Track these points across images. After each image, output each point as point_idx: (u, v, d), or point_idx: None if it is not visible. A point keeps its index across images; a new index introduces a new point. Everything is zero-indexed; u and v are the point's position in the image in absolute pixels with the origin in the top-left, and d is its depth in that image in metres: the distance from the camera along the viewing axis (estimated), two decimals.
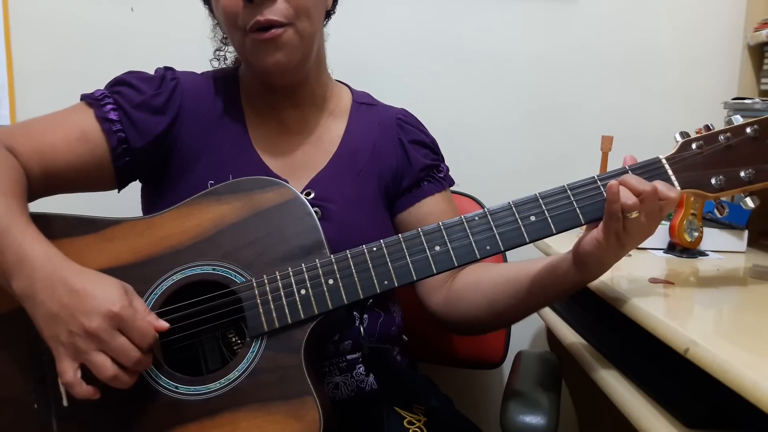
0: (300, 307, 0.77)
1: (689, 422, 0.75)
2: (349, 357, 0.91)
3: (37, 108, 0.89)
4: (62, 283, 0.69)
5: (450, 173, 1.04)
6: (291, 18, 0.84)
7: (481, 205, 1.26)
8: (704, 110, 1.49)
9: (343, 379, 0.91)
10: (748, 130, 0.80)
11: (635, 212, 0.74)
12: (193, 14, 1.01)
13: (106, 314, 0.68)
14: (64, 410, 0.76)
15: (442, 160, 1.03)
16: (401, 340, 1.03)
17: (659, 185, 0.76)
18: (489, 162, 1.52)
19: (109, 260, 0.79)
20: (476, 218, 0.79)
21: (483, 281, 0.92)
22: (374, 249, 0.78)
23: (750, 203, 0.82)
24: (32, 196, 0.82)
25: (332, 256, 0.78)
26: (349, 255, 0.78)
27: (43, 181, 0.83)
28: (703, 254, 1.17)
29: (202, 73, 0.98)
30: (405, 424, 0.82)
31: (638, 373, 0.88)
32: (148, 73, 0.93)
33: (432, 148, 1.02)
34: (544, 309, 1.18)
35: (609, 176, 0.79)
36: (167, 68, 0.95)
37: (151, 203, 0.93)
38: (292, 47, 0.85)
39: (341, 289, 0.77)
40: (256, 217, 0.80)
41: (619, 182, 0.75)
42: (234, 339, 0.82)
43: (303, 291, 0.77)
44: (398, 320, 1.00)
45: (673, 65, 1.53)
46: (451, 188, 1.04)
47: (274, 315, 0.77)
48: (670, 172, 0.80)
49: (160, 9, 1.43)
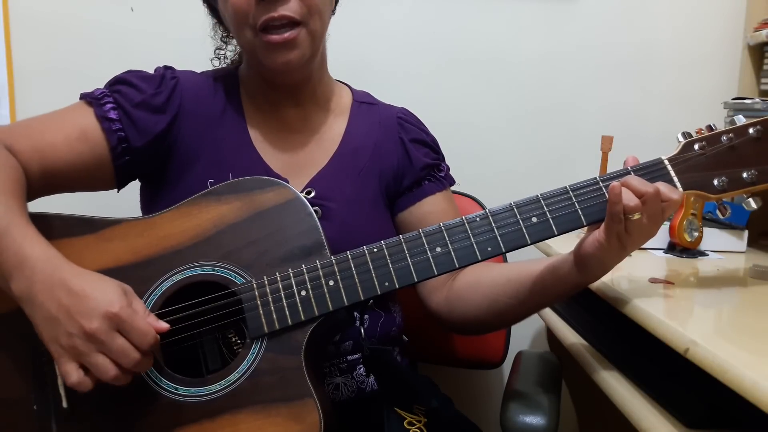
0: (300, 309, 0.77)
1: (689, 422, 0.75)
2: (350, 357, 0.91)
3: (37, 108, 0.89)
4: (61, 285, 0.69)
5: (450, 173, 1.03)
6: (304, 16, 0.84)
7: (482, 205, 1.26)
8: (704, 110, 1.49)
9: (344, 380, 0.91)
10: (751, 131, 0.80)
11: (637, 214, 0.74)
12: (193, 14, 1.01)
13: (105, 315, 0.68)
14: (64, 411, 0.76)
15: (443, 159, 1.03)
16: (401, 341, 1.03)
17: (661, 187, 0.76)
18: (489, 162, 1.52)
19: (109, 261, 0.79)
20: (477, 219, 0.79)
21: (484, 281, 0.91)
22: (375, 250, 0.78)
23: (753, 204, 0.82)
24: (31, 196, 0.82)
25: (333, 257, 0.78)
26: (350, 256, 0.78)
27: (43, 181, 0.83)
28: (703, 254, 1.17)
29: (202, 73, 0.98)
30: (405, 425, 0.82)
31: (638, 373, 0.88)
32: (148, 72, 0.93)
33: (432, 147, 1.02)
34: (545, 309, 1.18)
35: (611, 177, 0.79)
36: (167, 67, 0.95)
37: (151, 203, 0.93)
38: (304, 47, 0.86)
39: (342, 291, 0.77)
40: (257, 218, 0.80)
41: (621, 183, 0.75)
42: (234, 339, 0.82)
43: (303, 292, 0.77)
44: (398, 320, 1.00)
45: (673, 65, 1.53)
46: (452, 188, 1.04)
47: (275, 316, 0.77)
48: (673, 173, 0.80)
49: (160, 9, 1.43)
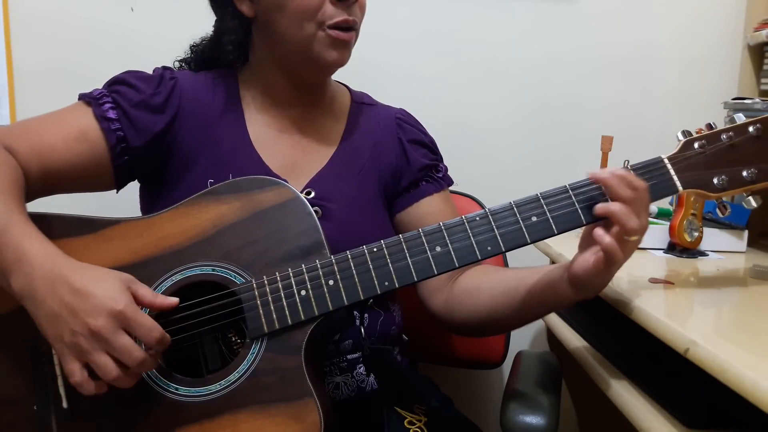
0: (300, 308, 0.77)
1: (689, 422, 0.75)
2: (350, 357, 0.91)
3: (37, 108, 0.89)
4: (62, 281, 0.69)
5: (449, 173, 1.03)
6: (359, 23, 0.89)
7: (481, 205, 1.25)
8: (704, 110, 1.48)
9: (344, 379, 0.91)
10: (751, 129, 0.79)
11: (634, 236, 0.74)
12: (193, 14, 1.00)
13: (110, 313, 0.68)
14: (64, 411, 0.76)
15: (441, 160, 1.03)
16: (401, 340, 1.03)
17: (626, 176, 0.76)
18: (489, 162, 1.52)
19: (108, 261, 0.79)
20: (477, 218, 0.79)
21: (483, 289, 0.91)
22: (375, 249, 0.78)
23: (753, 203, 0.82)
24: (30, 196, 0.82)
25: (332, 257, 0.78)
26: (350, 256, 0.78)
27: (42, 181, 0.83)
28: (703, 254, 1.17)
29: (201, 73, 0.98)
30: (406, 425, 0.82)
31: (638, 373, 0.88)
32: (147, 73, 0.93)
33: (431, 148, 1.02)
34: None
35: None
36: (165, 68, 0.95)
37: (150, 203, 0.93)
38: (351, 50, 0.90)
39: (341, 290, 0.77)
40: (256, 217, 0.80)
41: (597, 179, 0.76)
42: (234, 339, 0.82)
43: (303, 292, 0.77)
44: (398, 320, 1.00)
45: (673, 65, 1.53)
46: (451, 188, 1.04)
47: (275, 316, 0.77)
48: (672, 172, 0.79)
49: (160, 9, 1.43)
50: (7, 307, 0.77)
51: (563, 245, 1.17)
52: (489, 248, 0.78)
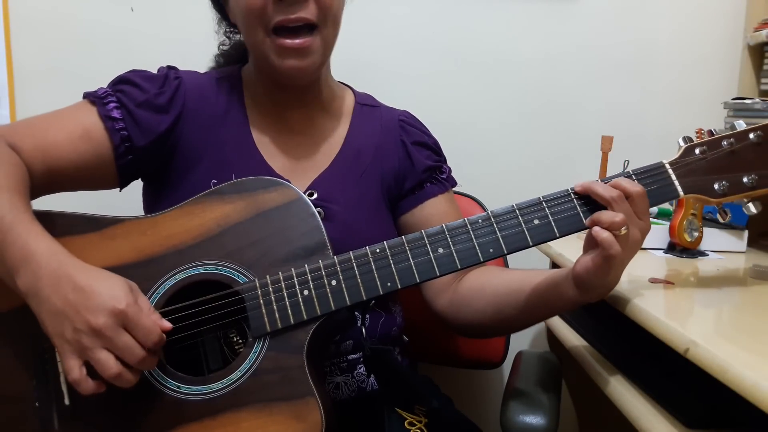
0: (303, 308, 0.77)
1: (689, 422, 0.75)
2: (350, 357, 0.92)
3: (37, 108, 0.89)
4: (67, 280, 0.70)
5: (452, 174, 1.04)
6: (320, 21, 0.84)
7: (482, 206, 1.26)
8: (704, 110, 1.49)
9: (344, 379, 0.91)
10: (752, 136, 0.80)
11: (624, 228, 0.74)
12: (193, 14, 1.01)
13: (112, 311, 0.69)
14: (66, 409, 0.77)
15: (445, 161, 1.03)
16: (402, 340, 1.03)
17: (623, 182, 0.77)
18: (489, 162, 1.52)
19: (112, 259, 0.79)
20: (480, 221, 0.79)
21: (487, 290, 0.92)
22: (377, 250, 0.79)
23: (752, 209, 0.82)
24: (34, 194, 0.82)
25: (335, 258, 0.78)
26: (352, 256, 0.78)
27: (46, 179, 0.83)
28: (703, 254, 1.17)
29: (205, 73, 0.98)
30: (406, 425, 0.82)
31: (638, 373, 0.88)
32: (151, 72, 0.93)
33: (434, 150, 1.02)
34: None
35: (611, 179, 0.79)
36: (170, 67, 0.95)
37: (153, 202, 0.93)
38: (316, 56, 0.86)
39: (344, 291, 0.77)
40: (260, 217, 0.80)
41: (585, 190, 0.77)
42: (235, 338, 0.83)
43: (306, 292, 0.77)
44: (399, 320, 1.00)
45: (673, 65, 1.53)
46: (453, 189, 1.04)
47: (277, 315, 0.77)
48: (674, 177, 0.80)
49: (160, 9, 1.43)
50: (10, 305, 0.77)
51: (563, 246, 1.17)
52: (491, 250, 0.78)
